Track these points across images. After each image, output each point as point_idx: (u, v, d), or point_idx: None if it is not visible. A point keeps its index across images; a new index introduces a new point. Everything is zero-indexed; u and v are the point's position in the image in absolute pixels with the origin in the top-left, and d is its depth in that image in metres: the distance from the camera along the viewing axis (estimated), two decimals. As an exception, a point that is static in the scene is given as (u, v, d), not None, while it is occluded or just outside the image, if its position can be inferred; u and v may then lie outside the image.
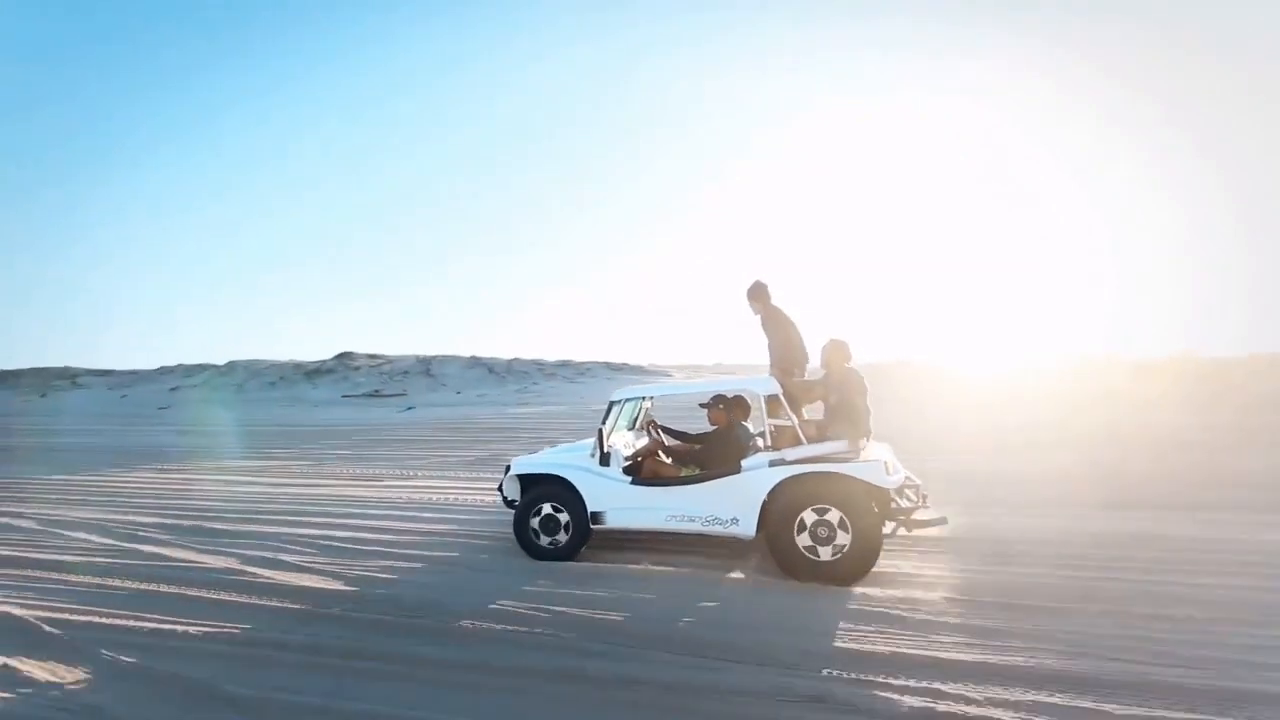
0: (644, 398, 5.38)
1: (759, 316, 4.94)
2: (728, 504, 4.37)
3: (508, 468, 5.08)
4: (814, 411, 4.90)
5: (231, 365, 32.26)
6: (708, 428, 5.29)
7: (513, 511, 4.90)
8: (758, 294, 4.92)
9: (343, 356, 31.15)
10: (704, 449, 5.01)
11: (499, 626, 3.55)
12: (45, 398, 29.47)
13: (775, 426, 4.52)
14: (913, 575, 4.23)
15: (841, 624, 3.48)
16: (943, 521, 4.29)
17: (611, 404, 4.94)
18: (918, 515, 4.27)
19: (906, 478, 4.39)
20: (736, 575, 4.35)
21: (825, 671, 2.96)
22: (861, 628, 3.42)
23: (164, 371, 33.39)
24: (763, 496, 4.24)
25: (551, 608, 3.76)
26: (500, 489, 5.13)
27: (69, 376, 33.93)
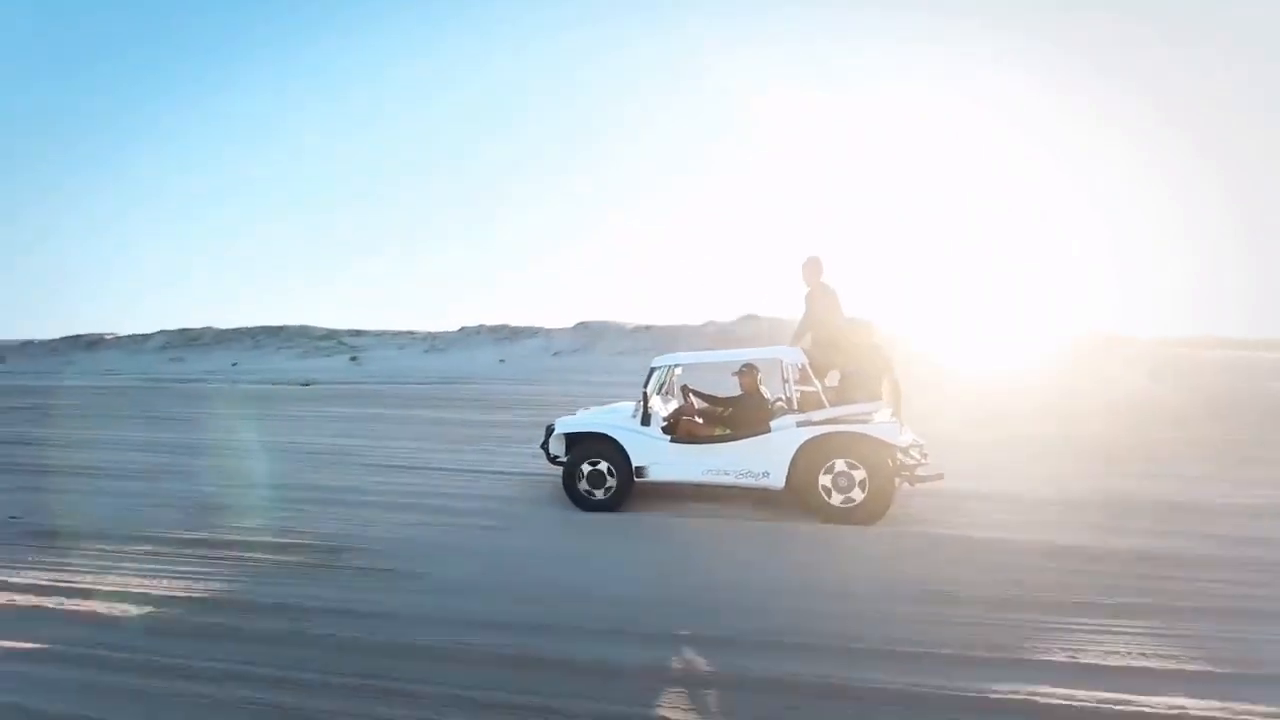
0: (676, 365, 5.87)
1: (808, 289, 5.36)
2: (759, 459, 4.94)
3: (550, 427, 5.51)
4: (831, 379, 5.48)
5: (584, 326, 28.20)
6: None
7: (559, 467, 5.37)
8: (811, 269, 5.33)
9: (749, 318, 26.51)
10: (735, 411, 5.55)
11: None
12: (356, 360, 26.63)
13: (801, 391, 5.09)
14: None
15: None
16: (940, 477, 4.97)
17: (652, 369, 5.41)
18: (919, 472, 4.94)
19: (913, 439, 5.05)
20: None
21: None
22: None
23: (468, 332, 29.44)
24: (792, 453, 4.83)
25: None
26: (544, 447, 5.56)
27: (308, 336, 30.50)
